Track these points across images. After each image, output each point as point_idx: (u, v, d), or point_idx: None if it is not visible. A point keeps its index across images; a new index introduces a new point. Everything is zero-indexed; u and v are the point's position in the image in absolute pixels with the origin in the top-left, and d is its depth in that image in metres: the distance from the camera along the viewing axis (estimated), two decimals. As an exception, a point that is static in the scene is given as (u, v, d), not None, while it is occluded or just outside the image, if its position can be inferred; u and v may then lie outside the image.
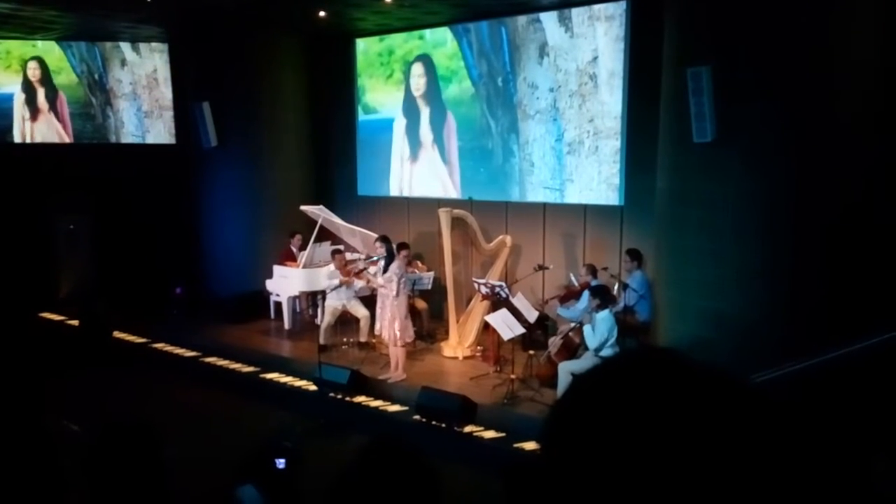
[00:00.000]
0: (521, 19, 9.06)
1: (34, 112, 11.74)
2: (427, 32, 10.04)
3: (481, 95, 9.60)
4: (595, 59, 8.48)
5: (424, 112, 10.38)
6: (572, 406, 0.64)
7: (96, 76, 11.76)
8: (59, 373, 7.89)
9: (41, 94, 11.70)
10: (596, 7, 8.39)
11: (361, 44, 10.76)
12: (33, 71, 11.59)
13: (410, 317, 8.08)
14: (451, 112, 10.02)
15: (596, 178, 8.69)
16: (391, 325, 7.44)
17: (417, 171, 10.49)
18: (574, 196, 8.91)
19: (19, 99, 11.64)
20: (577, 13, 8.57)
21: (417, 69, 10.47)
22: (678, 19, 6.50)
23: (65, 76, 11.69)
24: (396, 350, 7.58)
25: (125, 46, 11.64)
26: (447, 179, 10.13)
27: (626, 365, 0.65)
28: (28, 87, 11.68)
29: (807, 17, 5.63)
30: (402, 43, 10.36)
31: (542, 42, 8.92)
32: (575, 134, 8.79)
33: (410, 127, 10.54)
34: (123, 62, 11.71)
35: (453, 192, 10.00)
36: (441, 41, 9.94)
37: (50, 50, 11.55)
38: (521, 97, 9.20)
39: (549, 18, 8.83)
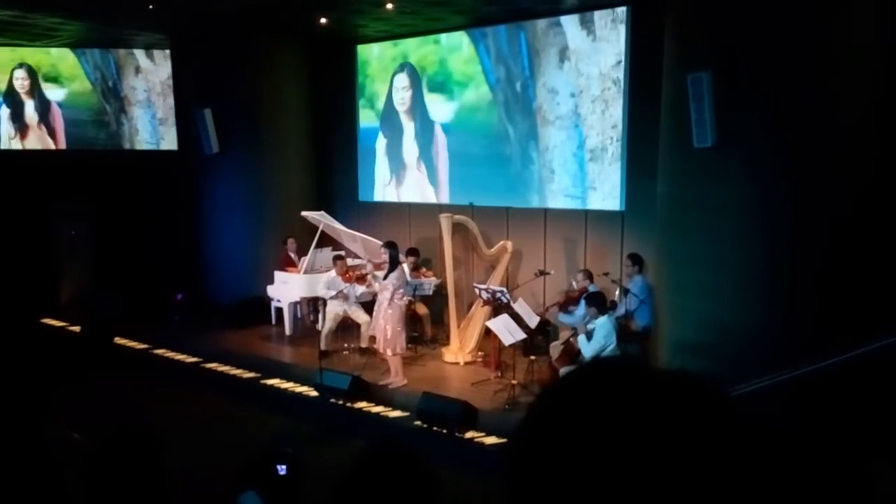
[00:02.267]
0: (541, 23, 8.87)
1: (22, 129, 11.52)
2: (443, 37, 9.86)
3: (499, 101, 9.43)
4: (619, 62, 8.31)
5: (409, 127, 10.34)
6: (540, 412, 0.66)
7: (110, 83, 11.74)
8: (60, 379, 7.88)
9: (29, 106, 11.49)
10: (619, 10, 8.22)
11: (375, 48, 10.59)
12: (21, 81, 11.39)
13: (411, 322, 8.09)
14: (439, 125, 9.94)
15: (619, 186, 8.55)
16: (383, 331, 7.45)
17: (403, 191, 10.54)
18: (597, 204, 8.71)
19: (4, 114, 11.42)
20: (599, 16, 8.36)
21: (401, 81, 10.31)
22: (678, 24, 6.51)
23: (79, 83, 11.65)
24: (391, 357, 7.57)
25: (139, 53, 11.60)
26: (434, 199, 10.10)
27: (589, 375, 0.67)
28: (14, 100, 11.44)
29: (807, 23, 5.65)
30: (417, 48, 10.18)
31: (563, 46, 8.73)
32: (598, 140, 8.56)
33: (393, 144, 10.54)
34: (138, 69, 11.69)
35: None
36: (457, 46, 9.76)
37: (64, 57, 11.52)
38: (541, 103, 9.03)
39: (569, 22, 8.62)
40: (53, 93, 11.62)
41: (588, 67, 8.56)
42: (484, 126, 9.62)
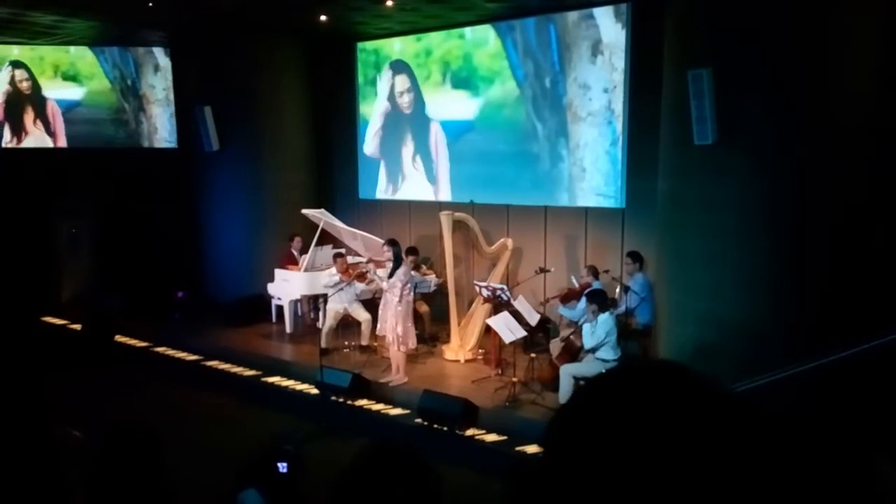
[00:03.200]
0: (572, 16, 8.58)
1: (18, 132, 11.44)
2: (468, 31, 9.61)
3: (527, 97, 9.16)
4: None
5: (406, 128, 10.29)
6: (575, 413, 0.65)
7: (129, 82, 11.70)
8: (61, 377, 7.89)
9: (28, 107, 11.40)
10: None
11: (397, 44, 10.39)
12: (24, 83, 11.29)
13: (413, 321, 8.07)
14: (436, 121, 9.90)
15: (621, 184, 8.44)
16: (393, 330, 7.44)
17: (411, 189, 10.53)
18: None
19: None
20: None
21: (402, 82, 10.15)
22: (679, 21, 6.50)
23: (97, 82, 11.62)
24: (398, 354, 7.58)
25: (158, 52, 11.56)
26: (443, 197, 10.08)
27: (629, 376, 0.66)
28: (13, 106, 11.35)
29: (807, 19, 5.63)
30: (441, 42, 9.92)
31: (596, 39, 8.44)
32: None
33: (390, 145, 10.52)
34: (157, 68, 11.66)
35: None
36: (482, 40, 9.49)
37: (82, 55, 11.51)
38: (572, 98, 8.75)
39: (603, 14, 8.36)
40: (71, 91, 11.55)
41: (622, 61, 8.30)
42: (510, 123, 9.36)
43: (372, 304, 8.50)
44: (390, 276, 7.52)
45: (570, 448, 0.63)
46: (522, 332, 7.19)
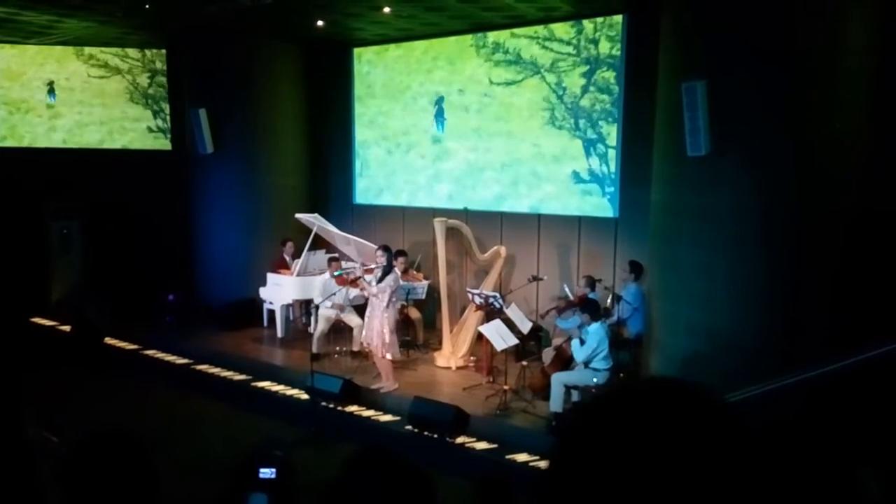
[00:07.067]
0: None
1: None
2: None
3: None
4: None
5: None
6: (580, 432, 0.66)
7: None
8: (46, 379, 7.82)
9: None
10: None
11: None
12: None
13: (403, 326, 8.05)
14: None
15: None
16: (380, 335, 7.42)
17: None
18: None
19: None
20: None
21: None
22: (674, 33, 6.54)
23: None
24: (383, 361, 7.55)
25: None
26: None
27: (633, 394, 0.67)
28: None
29: (802, 30, 5.68)
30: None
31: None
32: None
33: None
34: None
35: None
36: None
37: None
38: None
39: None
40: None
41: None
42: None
43: (364, 310, 8.47)
44: (379, 281, 7.50)
45: (575, 467, 0.63)
46: (514, 340, 7.19)
